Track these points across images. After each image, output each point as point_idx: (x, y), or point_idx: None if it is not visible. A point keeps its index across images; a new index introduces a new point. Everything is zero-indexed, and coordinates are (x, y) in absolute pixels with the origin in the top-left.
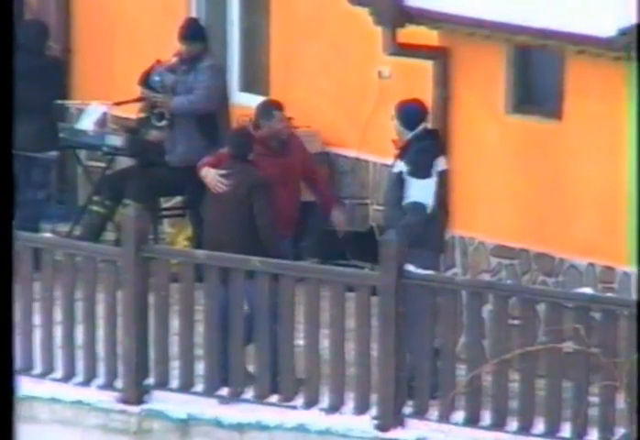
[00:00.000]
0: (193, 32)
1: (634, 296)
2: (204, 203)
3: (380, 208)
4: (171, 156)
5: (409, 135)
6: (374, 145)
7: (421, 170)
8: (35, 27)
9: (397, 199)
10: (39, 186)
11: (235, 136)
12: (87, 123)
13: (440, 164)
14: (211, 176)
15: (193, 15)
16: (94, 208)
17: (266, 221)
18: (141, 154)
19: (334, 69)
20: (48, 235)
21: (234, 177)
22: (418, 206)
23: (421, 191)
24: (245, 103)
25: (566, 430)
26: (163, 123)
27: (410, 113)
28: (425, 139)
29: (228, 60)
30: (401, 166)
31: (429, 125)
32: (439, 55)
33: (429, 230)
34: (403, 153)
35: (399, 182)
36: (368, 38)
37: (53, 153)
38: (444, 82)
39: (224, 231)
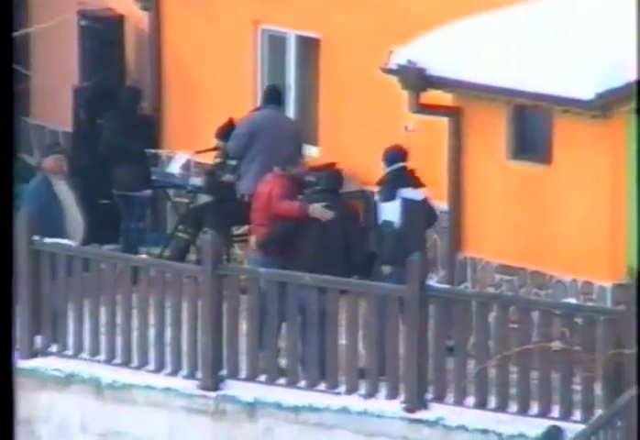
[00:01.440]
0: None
1: (609, 305)
2: (300, 232)
3: None
4: (240, 188)
5: (387, 170)
6: None
7: (385, 195)
8: (132, 92)
9: (374, 221)
10: (138, 218)
11: (327, 174)
12: (174, 167)
13: (408, 193)
14: (319, 210)
15: (259, 81)
16: (180, 235)
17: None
18: (217, 192)
19: (370, 123)
20: (144, 256)
21: (332, 209)
22: (387, 224)
23: (387, 211)
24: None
25: (555, 411)
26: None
27: (390, 155)
28: (400, 175)
29: (287, 115)
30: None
31: (408, 164)
32: (453, 113)
33: (402, 249)
34: (380, 184)
35: (375, 207)
36: (396, 99)
37: (148, 192)
38: (457, 134)
39: (324, 255)
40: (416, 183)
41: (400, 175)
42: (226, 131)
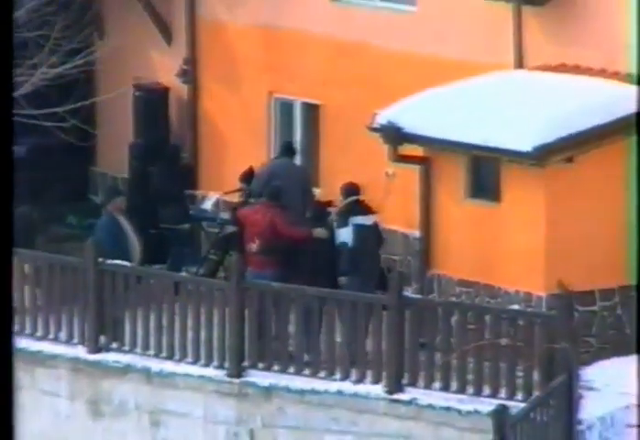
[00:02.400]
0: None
1: (544, 310)
2: (304, 252)
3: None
4: None
5: (343, 202)
6: (384, 217)
7: (340, 222)
8: (175, 147)
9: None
10: (180, 245)
11: (318, 205)
12: (207, 205)
13: (359, 220)
14: (320, 232)
15: (272, 138)
16: (211, 257)
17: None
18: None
19: (359, 170)
20: (183, 274)
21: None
22: (343, 244)
23: (343, 235)
24: None
25: (502, 393)
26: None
27: (346, 190)
28: (354, 206)
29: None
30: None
31: (360, 197)
32: (423, 162)
33: (355, 264)
34: (338, 213)
35: (333, 232)
36: (379, 151)
37: (187, 225)
38: (426, 179)
39: (318, 269)
40: (367, 212)
41: (354, 206)
42: (248, 176)
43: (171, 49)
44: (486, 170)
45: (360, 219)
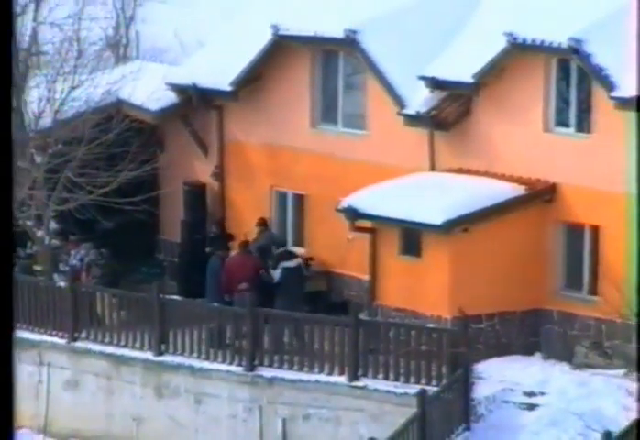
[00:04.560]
0: (265, 224)
1: (449, 327)
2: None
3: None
4: None
5: (275, 252)
6: (346, 267)
7: (274, 265)
8: (213, 223)
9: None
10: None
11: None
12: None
13: (286, 263)
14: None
15: (273, 215)
16: None
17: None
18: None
19: (331, 236)
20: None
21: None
22: (277, 283)
23: (276, 275)
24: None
25: (423, 381)
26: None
27: (278, 243)
28: (283, 253)
29: (288, 235)
30: None
31: (289, 248)
32: (372, 231)
33: (283, 293)
34: (272, 260)
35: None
36: (343, 225)
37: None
38: (374, 243)
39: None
40: (292, 257)
41: (283, 253)
42: (262, 223)
43: (207, 159)
44: (412, 237)
45: (287, 263)
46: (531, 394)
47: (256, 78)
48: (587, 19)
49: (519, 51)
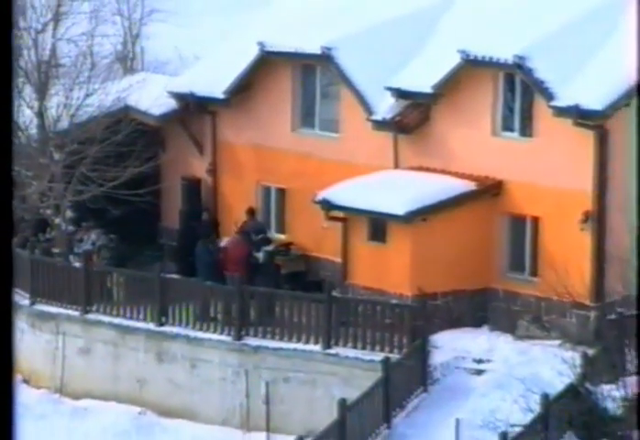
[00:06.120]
0: (252, 213)
1: (410, 303)
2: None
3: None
4: None
5: (255, 238)
6: (321, 251)
7: (256, 250)
8: (205, 212)
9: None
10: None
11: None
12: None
13: (266, 248)
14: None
15: (258, 206)
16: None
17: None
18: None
19: (308, 224)
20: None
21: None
22: (261, 263)
23: (260, 256)
24: (276, 234)
25: (387, 349)
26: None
27: (259, 230)
28: (262, 240)
29: (272, 223)
30: None
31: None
32: (344, 221)
33: (264, 274)
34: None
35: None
36: (319, 214)
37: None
38: (346, 231)
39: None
40: (269, 243)
41: (262, 239)
42: (250, 211)
43: (202, 157)
44: (378, 225)
45: (266, 248)
46: (479, 361)
47: (245, 87)
48: (529, 39)
49: (471, 66)
